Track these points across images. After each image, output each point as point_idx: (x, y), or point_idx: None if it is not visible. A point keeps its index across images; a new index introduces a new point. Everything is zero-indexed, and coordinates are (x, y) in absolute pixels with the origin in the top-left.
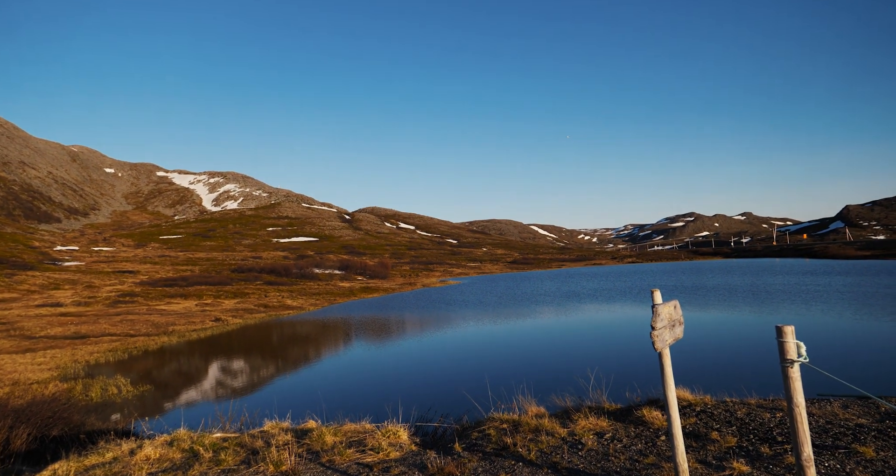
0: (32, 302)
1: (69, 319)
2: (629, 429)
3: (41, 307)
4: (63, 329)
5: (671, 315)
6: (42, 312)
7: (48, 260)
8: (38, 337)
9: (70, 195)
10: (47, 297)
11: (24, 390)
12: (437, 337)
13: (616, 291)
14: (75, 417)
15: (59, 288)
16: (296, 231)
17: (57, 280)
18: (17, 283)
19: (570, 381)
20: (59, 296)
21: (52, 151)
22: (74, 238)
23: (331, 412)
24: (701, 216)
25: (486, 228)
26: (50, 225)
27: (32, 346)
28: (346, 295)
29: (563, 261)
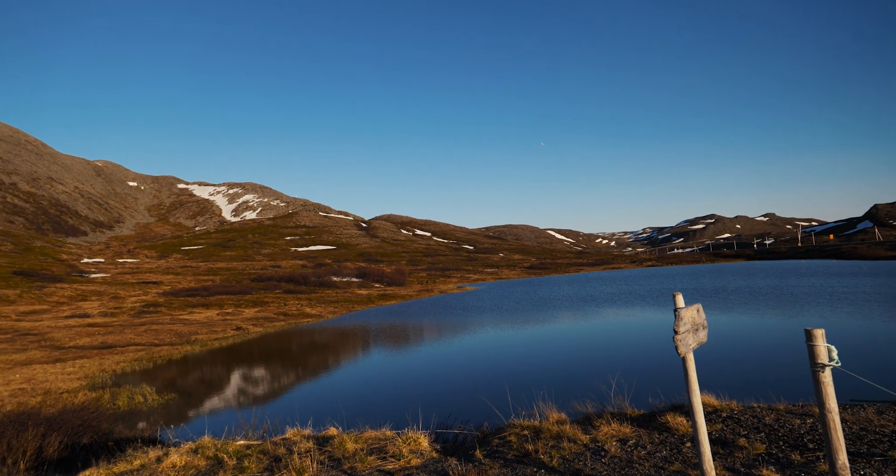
0: (62, 313)
1: (96, 330)
2: (653, 435)
3: (70, 318)
4: (91, 339)
5: (694, 319)
6: (71, 323)
7: (76, 272)
8: (67, 347)
9: (96, 209)
10: (75, 309)
11: (55, 399)
12: (456, 343)
13: (635, 295)
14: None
15: (87, 299)
16: (313, 240)
17: (84, 292)
18: (47, 295)
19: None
20: (86, 307)
21: (78, 167)
22: (100, 250)
23: (351, 419)
24: (722, 218)
25: (502, 234)
26: (77, 238)
27: (62, 356)
28: (364, 302)
29: (581, 265)
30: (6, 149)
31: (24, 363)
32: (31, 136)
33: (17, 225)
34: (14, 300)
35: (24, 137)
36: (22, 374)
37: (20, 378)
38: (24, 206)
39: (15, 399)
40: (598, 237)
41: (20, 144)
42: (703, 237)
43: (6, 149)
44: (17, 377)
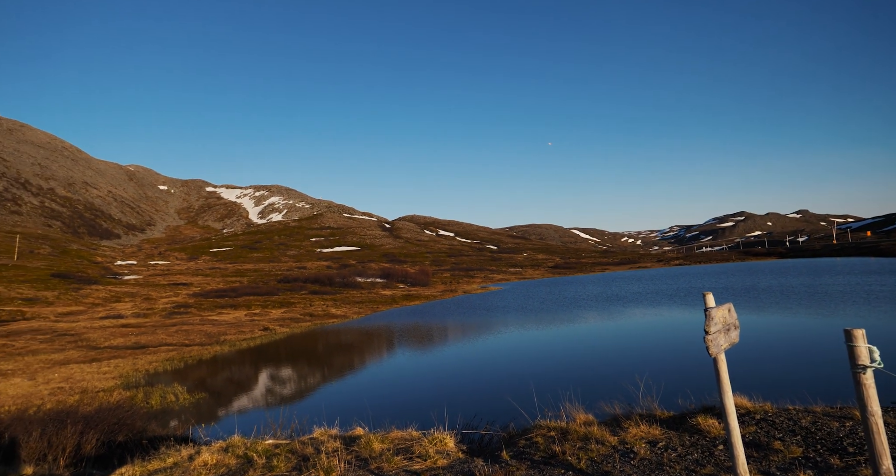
0: (97, 314)
1: (130, 330)
2: (683, 437)
3: (105, 319)
4: (124, 339)
5: (725, 318)
6: (105, 324)
7: (110, 274)
8: (102, 347)
9: (128, 212)
10: (110, 310)
11: (91, 398)
12: (480, 343)
13: (662, 294)
14: (138, 424)
15: (120, 300)
16: (338, 241)
17: (118, 293)
18: (83, 297)
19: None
20: (120, 308)
21: (112, 171)
22: (133, 253)
23: (377, 419)
24: (752, 215)
25: (525, 233)
26: (111, 241)
27: (98, 355)
28: (388, 303)
29: (607, 264)
30: (44, 155)
31: (62, 363)
32: (68, 142)
33: (55, 228)
34: (52, 302)
35: (60, 144)
36: (60, 374)
37: (59, 377)
38: (61, 211)
39: (54, 397)
40: (623, 236)
41: (57, 150)
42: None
43: (44, 155)
44: (56, 376)
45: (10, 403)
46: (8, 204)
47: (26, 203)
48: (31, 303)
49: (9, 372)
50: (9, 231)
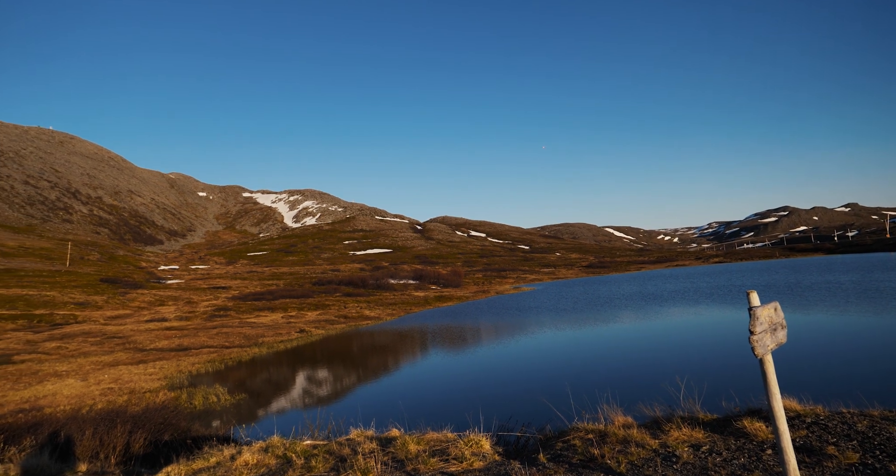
0: (142, 317)
1: (173, 333)
2: (728, 441)
3: (150, 322)
4: (168, 342)
5: (771, 318)
6: (151, 327)
7: (154, 279)
8: (148, 349)
9: (170, 218)
10: (154, 313)
11: (139, 398)
12: (514, 344)
13: (701, 293)
14: (182, 424)
15: (164, 304)
16: (370, 243)
17: (162, 297)
18: (130, 301)
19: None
20: (164, 311)
21: (154, 179)
22: (175, 258)
23: (412, 420)
24: (796, 210)
25: (558, 233)
26: (154, 246)
27: (144, 357)
28: (420, 304)
29: (643, 263)
30: (92, 165)
31: (111, 364)
32: (113, 152)
33: (103, 235)
34: (101, 306)
35: (106, 154)
36: (110, 375)
37: (108, 378)
38: (109, 218)
39: (105, 397)
40: (659, 233)
41: (104, 161)
42: (776, 231)
43: (92, 165)
44: (106, 377)
45: (65, 403)
46: (60, 213)
47: (76, 211)
48: (82, 307)
49: (63, 373)
50: (61, 238)
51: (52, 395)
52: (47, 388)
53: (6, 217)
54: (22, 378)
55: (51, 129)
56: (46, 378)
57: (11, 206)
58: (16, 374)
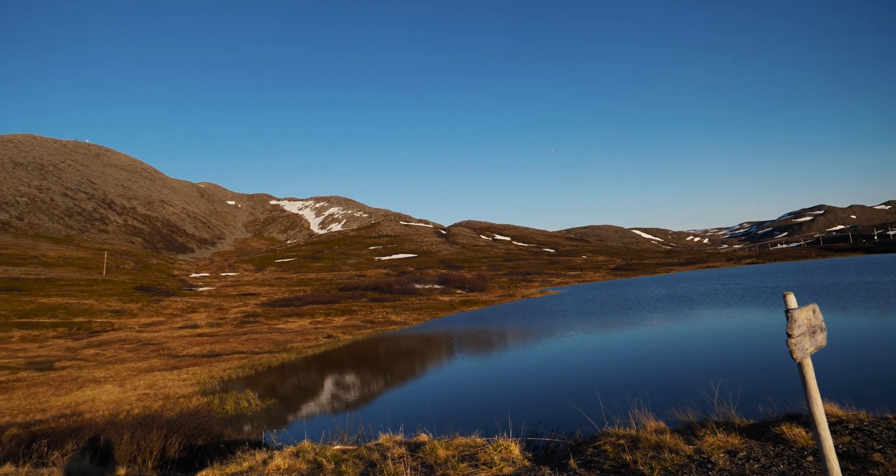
0: (175, 324)
1: (205, 339)
2: (766, 447)
3: (182, 329)
4: (200, 348)
5: (810, 320)
6: (183, 333)
7: (185, 286)
8: (181, 356)
9: (200, 227)
10: (186, 320)
11: (173, 403)
12: (541, 348)
13: (733, 295)
14: (215, 429)
15: (196, 311)
16: (395, 248)
17: (193, 304)
18: (163, 308)
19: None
20: (195, 318)
21: (185, 189)
22: (205, 265)
23: (440, 425)
24: (833, 208)
25: (584, 235)
26: (185, 255)
27: (177, 363)
28: (446, 309)
29: (672, 265)
30: (126, 176)
31: (146, 370)
32: (146, 163)
33: (137, 244)
34: (136, 313)
35: (140, 165)
36: (145, 381)
37: (144, 384)
38: (142, 228)
39: (141, 403)
40: (688, 235)
41: (137, 172)
42: (811, 230)
43: (126, 176)
44: (142, 383)
45: (104, 409)
46: (97, 223)
47: (112, 222)
48: (118, 314)
49: (102, 379)
50: (98, 248)
51: (92, 400)
52: (87, 393)
53: (47, 228)
54: (63, 384)
55: (87, 142)
56: (86, 384)
57: (52, 218)
58: (57, 381)
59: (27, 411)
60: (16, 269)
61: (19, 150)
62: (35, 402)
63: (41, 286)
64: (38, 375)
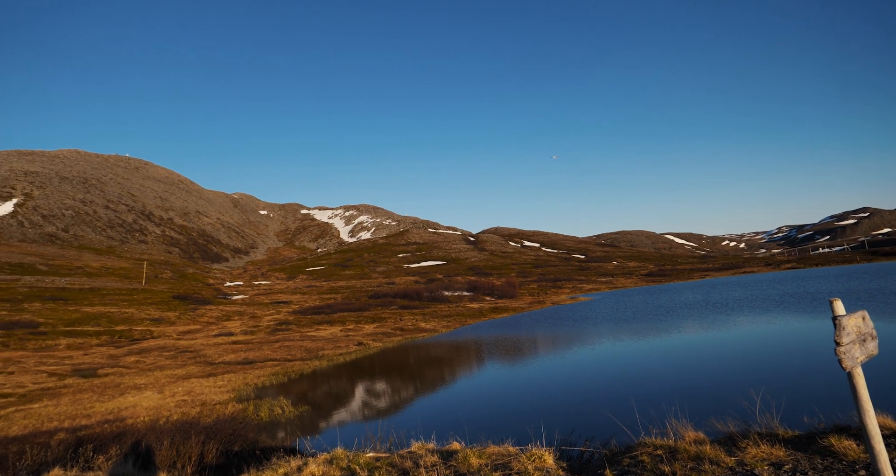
0: (211, 332)
1: (239, 347)
2: (814, 460)
3: (218, 337)
4: (235, 355)
5: (860, 328)
6: (219, 341)
7: (220, 295)
8: (217, 363)
9: (234, 237)
10: (221, 328)
11: (210, 410)
12: (572, 355)
13: (772, 301)
14: (251, 435)
15: (230, 319)
16: (424, 256)
17: (228, 312)
18: (199, 316)
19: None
20: (230, 326)
21: (219, 200)
22: (239, 274)
23: (472, 433)
24: (878, 210)
25: (615, 241)
26: (220, 264)
27: (213, 370)
28: (475, 316)
29: (706, 270)
30: (164, 188)
31: (184, 377)
32: (182, 175)
33: (174, 254)
34: (174, 321)
35: (176, 177)
36: (183, 387)
37: (182, 390)
38: (179, 238)
39: (179, 409)
40: (724, 239)
41: (174, 184)
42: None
43: (164, 188)
44: (180, 390)
45: (144, 414)
46: (137, 234)
47: (150, 233)
48: (157, 323)
49: (142, 386)
50: (138, 258)
51: (133, 406)
52: (128, 399)
53: (90, 240)
54: (106, 390)
55: (127, 155)
56: (127, 390)
57: (95, 230)
58: (101, 387)
59: (73, 416)
60: (62, 279)
61: (65, 165)
62: (80, 407)
63: (85, 295)
64: (83, 382)
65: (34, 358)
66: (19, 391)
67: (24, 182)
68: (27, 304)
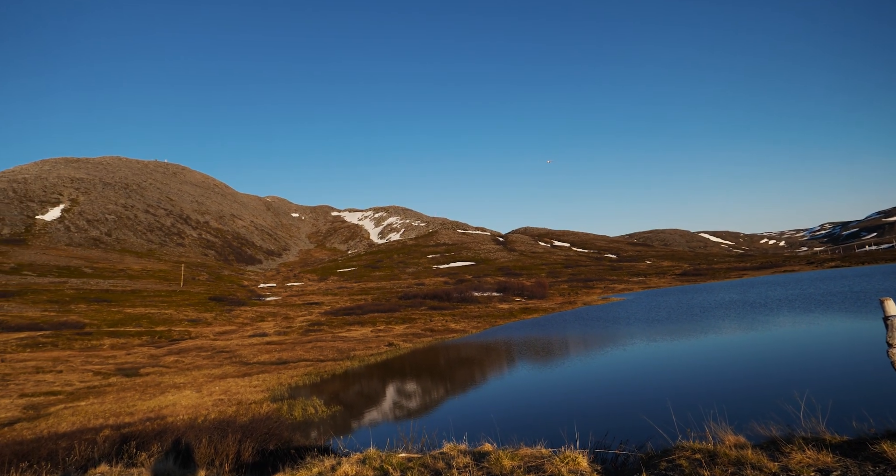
0: (246, 333)
1: (273, 347)
2: (865, 467)
3: (252, 337)
4: (269, 356)
5: None
6: (253, 341)
7: (254, 296)
8: (251, 363)
9: (267, 239)
10: (256, 329)
11: (245, 409)
12: (605, 356)
13: (814, 300)
14: (285, 434)
15: (264, 320)
16: (453, 257)
17: (262, 313)
18: (234, 317)
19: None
20: (264, 327)
21: (253, 203)
22: (272, 276)
23: (504, 434)
24: None
25: (647, 240)
26: (254, 266)
27: (248, 370)
28: (505, 317)
29: (744, 270)
30: (200, 193)
31: (220, 377)
32: (218, 180)
33: (210, 257)
34: (210, 322)
35: (212, 182)
36: (220, 387)
37: (219, 390)
38: (215, 241)
39: (217, 408)
40: (762, 237)
41: (210, 188)
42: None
43: (200, 193)
44: (217, 389)
45: (184, 413)
46: (175, 237)
47: (188, 236)
48: (194, 323)
49: (181, 385)
50: (175, 261)
51: (173, 405)
52: (168, 398)
53: (132, 243)
54: (147, 389)
55: (166, 161)
56: (167, 389)
57: (136, 234)
58: (142, 386)
59: (118, 414)
60: (106, 281)
61: (108, 172)
62: (124, 405)
63: (127, 297)
64: (126, 380)
65: (80, 357)
66: (67, 389)
67: (70, 188)
68: (74, 305)
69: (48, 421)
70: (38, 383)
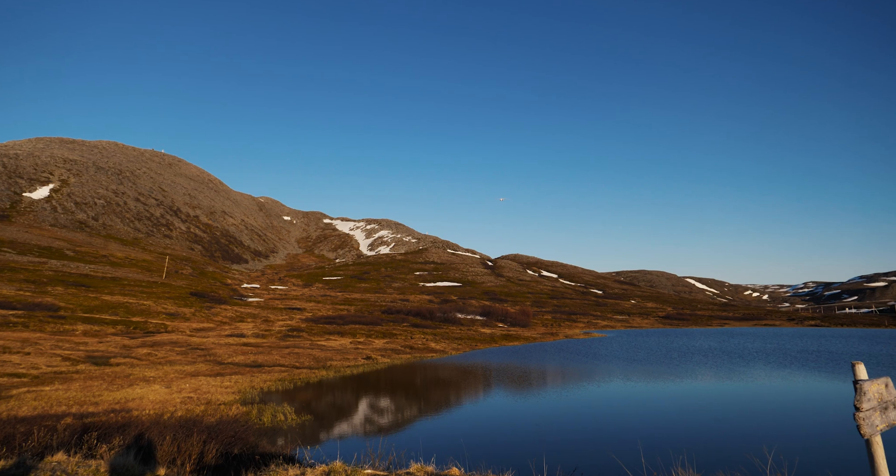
0: (223, 332)
1: (249, 349)
2: None
3: (230, 337)
4: (244, 357)
5: (882, 395)
6: (230, 341)
7: (236, 296)
8: (225, 363)
9: (256, 240)
10: (234, 328)
11: (214, 409)
12: (581, 392)
13: (791, 356)
14: (251, 439)
15: (244, 320)
16: (440, 276)
17: (242, 313)
18: (214, 315)
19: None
20: (243, 327)
21: (245, 202)
22: (257, 277)
23: (473, 460)
24: None
25: (634, 279)
26: (240, 265)
27: (221, 370)
28: (487, 341)
29: (726, 319)
30: (194, 186)
31: (192, 374)
32: (213, 175)
33: (196, 252)
34: (189, 317)
35: (207, 176)
36: (190, 384)
37: (189, 387)
38: (203, 236)
39: (184, 406)
40: (746, 289)
41: (204, 182)
42: (885, 297)
43: (194, 186)
44: (187, 386)
45: (150, 407)
46: (163, 228)
47: (176, 228)
48: (172, 317)
49: (151, 379)
50: (161, 252)
51: (140, 398)
52: (136, 391)
53: (118, 230)
54: (116, 380)
55: (162, 151)
56: (136, 382)
57: (123, 221)
58: (111, 376)
59: (82, 403)
60: (87, 266)
61: (102, 156)
62: (89, 394)
63: (106, 284)
64: (95, 369)
65: (51, 341)
66: (33, 372)
67: (62, 169)
68: (51, 287)
69: (8, 403)
70: (2, 364)
